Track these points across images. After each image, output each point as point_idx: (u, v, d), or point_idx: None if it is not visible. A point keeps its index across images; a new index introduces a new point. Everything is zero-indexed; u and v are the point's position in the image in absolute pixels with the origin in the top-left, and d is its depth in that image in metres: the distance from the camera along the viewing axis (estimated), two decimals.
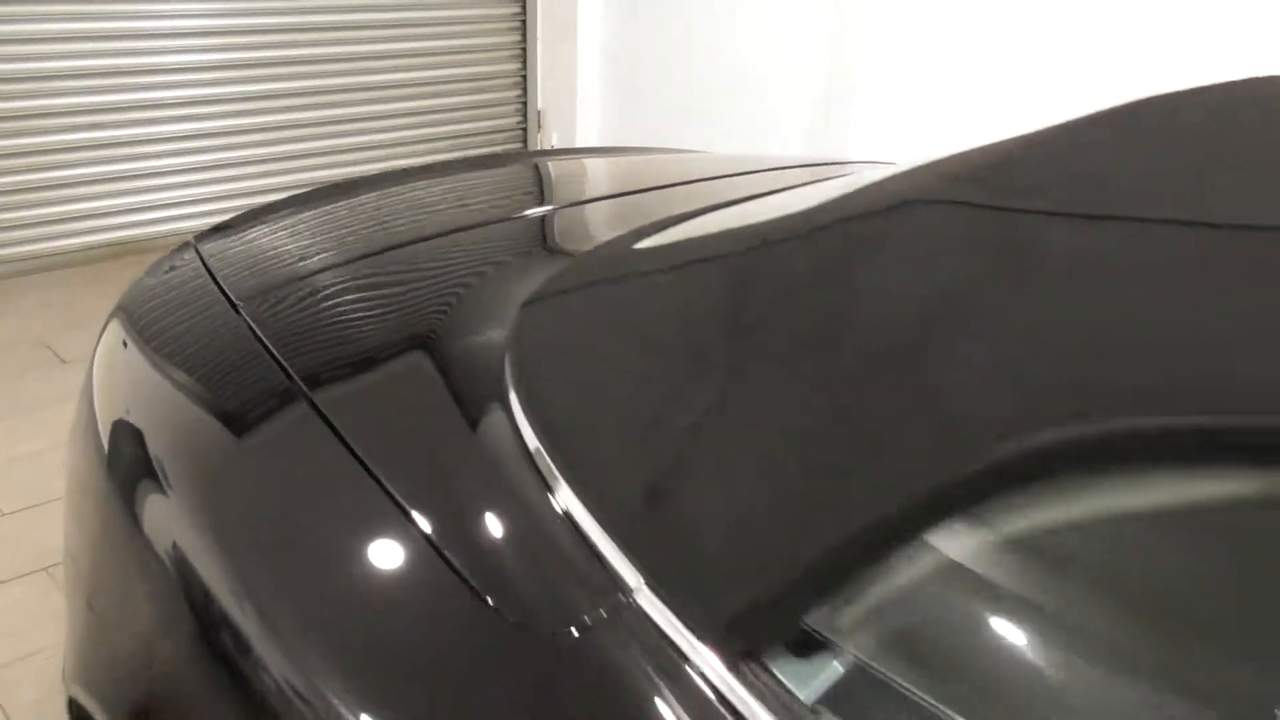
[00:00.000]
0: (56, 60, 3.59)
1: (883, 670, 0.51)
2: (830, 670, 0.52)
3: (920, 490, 0.52)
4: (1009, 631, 0.52)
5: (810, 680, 0.52)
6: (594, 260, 1.00)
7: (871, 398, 0.61)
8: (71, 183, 3.75)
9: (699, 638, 0.56)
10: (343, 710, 0.59)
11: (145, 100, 3.82)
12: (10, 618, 1.96)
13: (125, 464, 0.92)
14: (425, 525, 0.70)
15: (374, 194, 1.38)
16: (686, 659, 0.55)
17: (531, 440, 0.73)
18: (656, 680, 0.55)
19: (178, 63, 3.86)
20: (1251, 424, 0.51)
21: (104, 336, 1.20)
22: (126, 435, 0.97)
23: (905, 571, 0.52)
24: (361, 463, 0.76)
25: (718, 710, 0.52)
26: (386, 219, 1.29)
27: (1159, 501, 0.51)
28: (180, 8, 3.81)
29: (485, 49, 4.87)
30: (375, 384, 0.90)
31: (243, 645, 0.68)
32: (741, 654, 0.54)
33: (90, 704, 0.85)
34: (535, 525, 0.67)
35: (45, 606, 2.01)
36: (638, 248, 1.00)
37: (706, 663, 0.55)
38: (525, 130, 5.15)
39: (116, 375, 1.07)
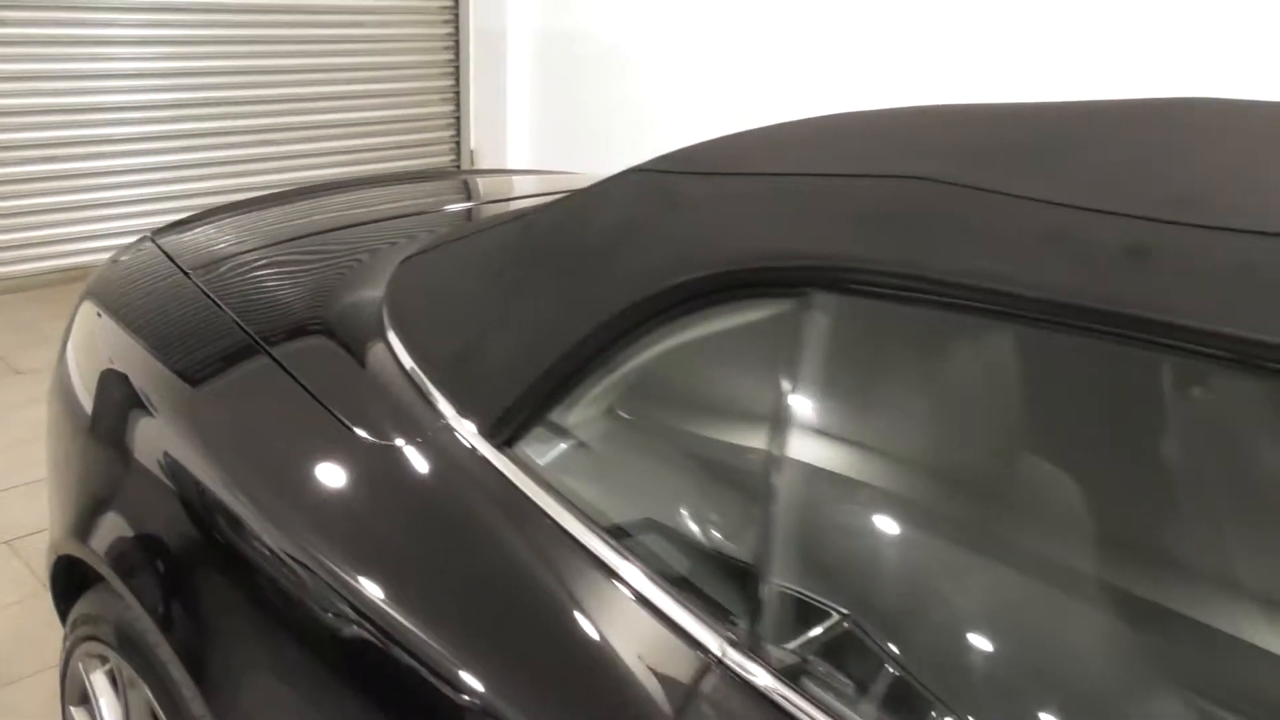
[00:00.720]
0: (14, 98, 3.88)
1: (590, 444, 0.87)
2: (561, 448, 0.88)
3: (616, 315, 0.86)
4: (684, 422, 0.87)
5: (547, 454, 0.88)
6: (441, 239, 1.36)
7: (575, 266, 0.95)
8: (26, 211, 4.02)
9: (481, 435, 0.91)
10: (269, 527, 0.93)
11: (96, 136, 4.11)
12: None
13: (115, 398, 1.25)
14: (317, 390, 1.04)
15: (300, 199, 1.74)
16: (475, 450, 0.91)
17: (389, 332, 1.09)
18: (455, 465, 0.90)
19: (126, 101, 4.16)
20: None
21: (77, 316, 1.51)
22: (113, 378, 1.29)
23: (605, 382, 0.87)
24: (294, 378, 1.09)
25: (485, 474, 0.88)
26: (307, 214, 1.64)
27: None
28: (129, 50, 4.12)
29: (422, 92, 5.27)
30: (297, 323, 1.24)
31: (209, 502, 1.02)
32: (504, 442, 0.89)
33: (82, 551, 1.17)
34: (390, 380, 1.03)
35: (7, 570, 2.28)
36: (464, 234, 1.38)
37: (486, 449, 0.90)
38: (459, 166, 5.52)
39: (95, 339, 1.39)
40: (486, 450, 0.90)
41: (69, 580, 1.30)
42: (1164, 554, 0.63)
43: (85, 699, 1.34)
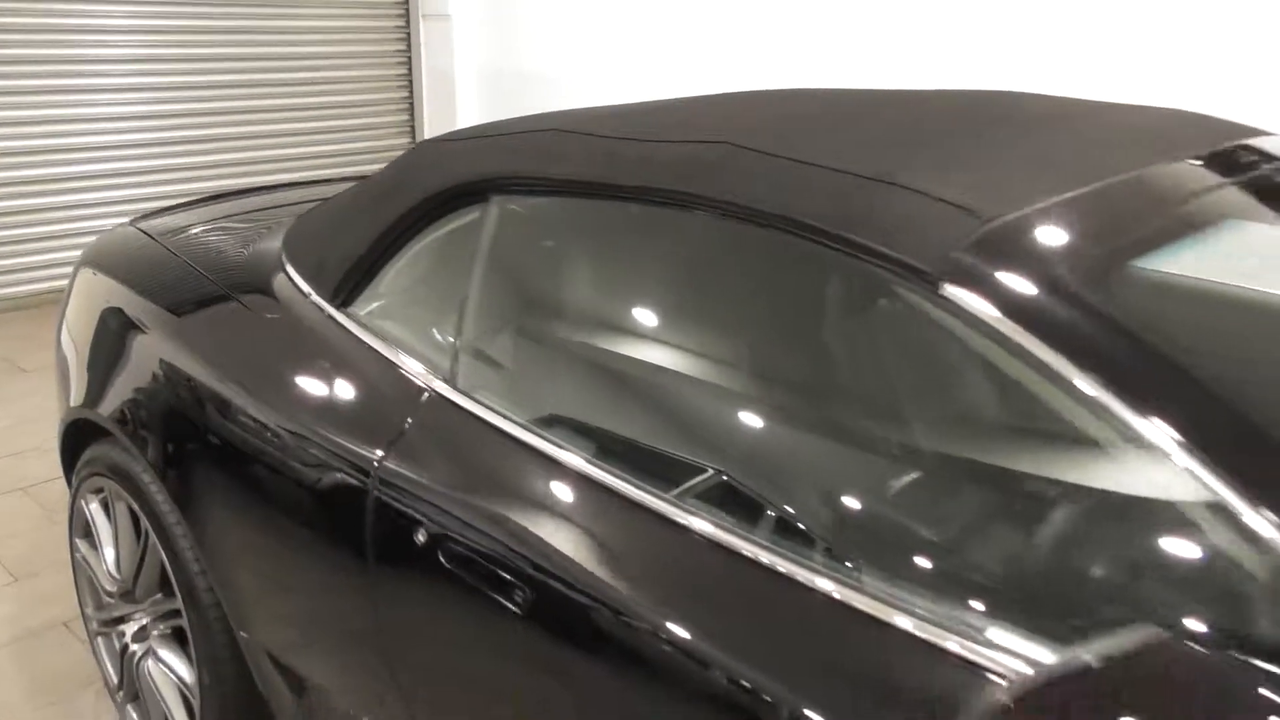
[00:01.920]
0: (16, 140, 4.51)
1: (385, 300, 1.48)
2: (371, 304, 1.49)
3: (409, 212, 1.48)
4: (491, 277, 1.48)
5: (364, 308, 1.49)
6: (318, 206, 1.97)
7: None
8: (25, 239, 4.63)
9: (328, 301, 1.51)
10: (218, 383, 1.54)
11: (79, 173, 4.74)
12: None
13: (113, 324, 1.84)
14: (245, 301, 1.65)
15: (240, 196, 2.36)
16: (324, 310, 1.52)
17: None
18: (315, 319, 1.51)
19: (104, 141, 4.79)
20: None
21: (76, 280, 2.10)
22: (113, 312, 1.87)
23: (394, 263, 1.48)
24: (230, 297, 1.68)
25: (329, 323, 1.48)
26: (247, 203, 2.25)
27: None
28: (112, 97, 4.76)
29: (381, 126, 5.92)
30: (231, 265, 1.84)
31: (180, 378, 1.62)
32: (340, 304, 1.50)
33: (92, 414, 1.76)
34: (283, 287, 1.63)
35: (23, 508, 2.86)
36: (333, 197, 1.99)
37: (331, 310, 1.50)
38: None
39: (94, 289, 1.98)
40: (331, 310, 1.51)
41: (76, 443, 1.89)
42: (759, 366, 1.19)
43: (87, 532, 1.92)
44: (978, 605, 0.86)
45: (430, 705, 1.30)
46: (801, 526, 1.00)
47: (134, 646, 1.85)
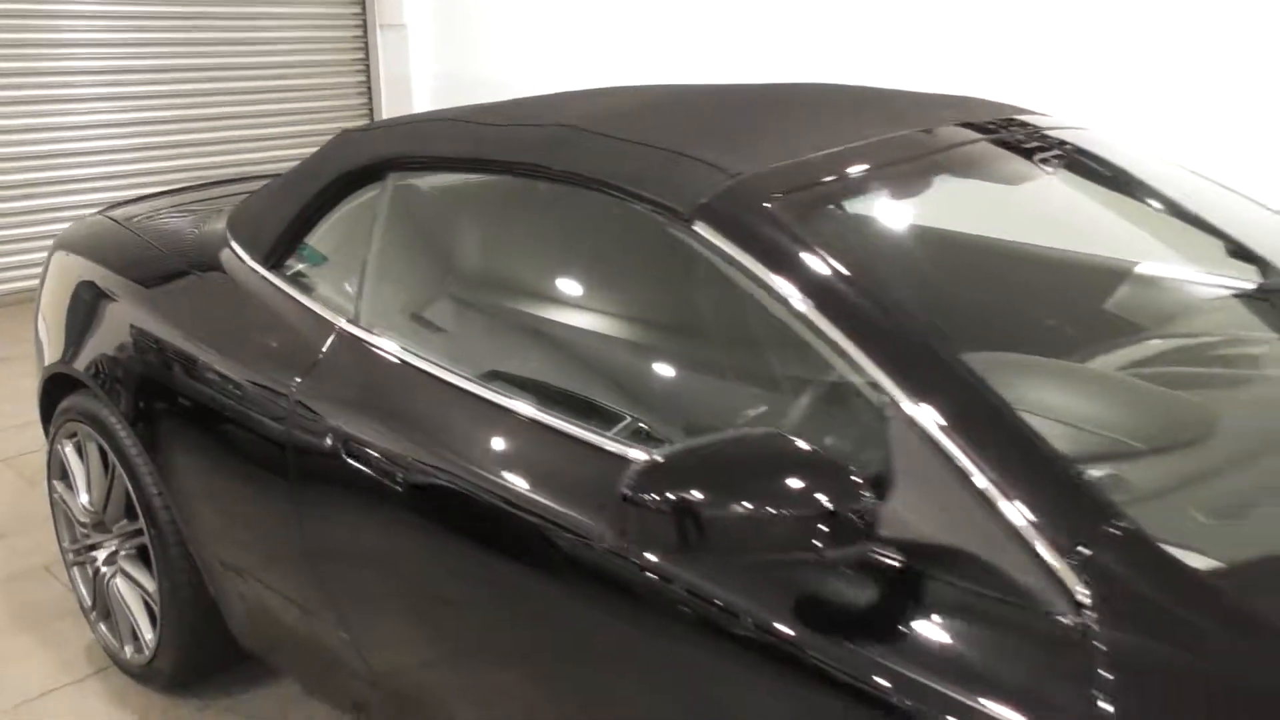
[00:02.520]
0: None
1: (307, 261, 1.81)
2: (294, 266, 1.82)
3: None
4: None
5: (290, 269, 1.81)
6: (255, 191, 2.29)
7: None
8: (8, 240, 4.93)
9: (259, 264, 1.84)
10: (177, 337, 1.87)
11: (62, 177, 5.03)
12: None
13: (86, 296, 2.14)
14: (197, 272, 1.97)
15: (195, 190, 2.68)
16: (257, 271, 1.84)
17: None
18: (251, 280, 1.83)
19: (74, 149, 5.10)
20: None
21: (52, 260, 2.41)
22: (86, 285, 2.18)
23: (312, 232, 1.81)
24: (191, 273, 2.00)
25: (262, 281, 1.81)
26: (197, 195, 2.57)
27: None
28: (82, 106, 5.05)
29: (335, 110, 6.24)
30: (188, 243, 2.15)
31: (147, 338, 1.94)
32: (270, 266, 1.83)
33: (68, 369, 2.08)
34: (229, 259, 1.95)
35: (4, 478, 3.16)
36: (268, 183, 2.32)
37: (263, 271, 1.83)
38: None
39: (69, 268, 2.28)
40: (264, 272, 1.83)
41: (53, 395, 2.20)
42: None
43: (63, 474, 2.23)
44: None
45: (346, 592, 1.62)
46: (597, 400, 1.36)
47: (104, 569, 2.16)
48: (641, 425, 1.29)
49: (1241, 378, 1.40)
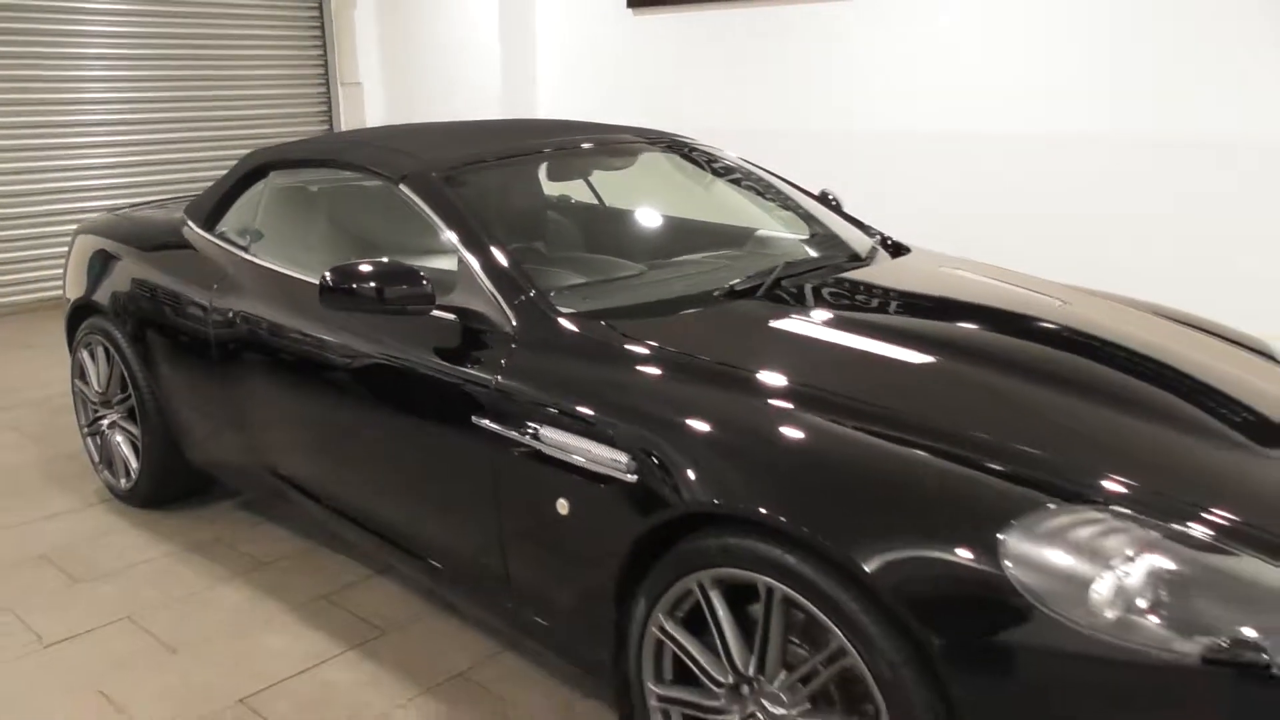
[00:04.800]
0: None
1: (231, 227, 3.10)
2: (223, 228, 3.10)
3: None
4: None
5: (221, 230, 3.10)
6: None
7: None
8: (25, 260, 6.23)
9: (200, 230, 3.11)
10: (162, 279, 3.15)
11: (62, 202, 6.35)
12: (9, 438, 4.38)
13: (101, 258, 3.43)
14: (173, 243, 3.26)
15: (170, 199, 3.98)
16: (202, 235, 3.12)
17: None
18: (197, 241, 3.12)
19: (72, 187, 6.42)
20: None
21: (76, 240, 3.70)
22: (100, 253, 3.47)
23: (233, 207, 3.10)
24: (167, 242, 3.28)
25: (206, 241, 3.10)
26: (170, 203, 3.87)
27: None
28: (98, 135, 6.39)
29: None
30: (165, 224, 3.44)
31: (144, 283, 3.22)
32: (208, 229, 3.11)
33: (89, 300, 3.35)
34: (189, 232, 3.24)
35: (30, 415, 4.42)
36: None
37: (205, 233, 3.11)
38: None
39: (88, 244, 3.57)
40: (206, 232, 3.12)
41: (76, 318, 3.47)
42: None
43: (82, 374, 3.50)
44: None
45: (250, 419, 2.85)
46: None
47: (106, 430, 3.42)
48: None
49: (726, 264, 2.65)
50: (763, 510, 1.65)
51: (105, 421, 3.44)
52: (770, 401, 1.83)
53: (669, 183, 3.12)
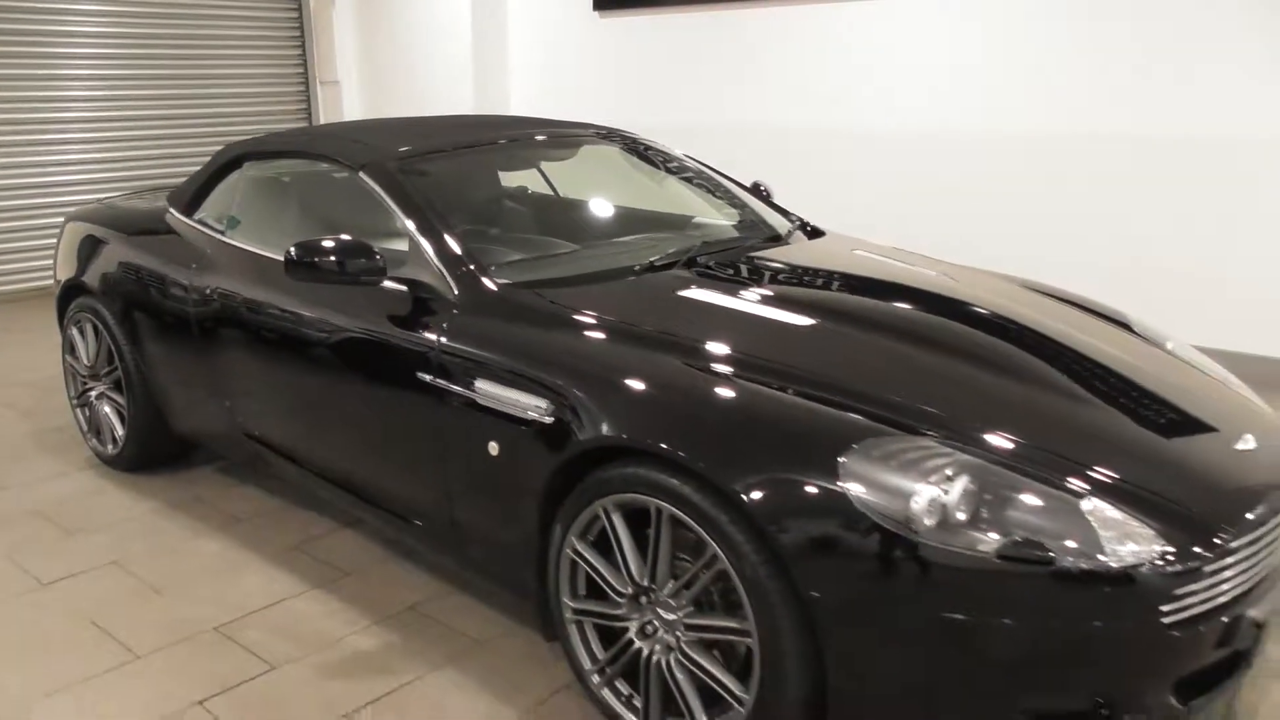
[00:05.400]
0: None
1: (210, 211, 3.40)
2: (202, 214, 3.40)
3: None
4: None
5: (200, 216, 3.39)
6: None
7: None
8: (19, 251, 6.50)
9: (181, 216, 3.41)
10: (148, 260, 3.45)
11: (49, 195, 6.63)
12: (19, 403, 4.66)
13: (89, 243, 3.72)
14: (157, 230, 3.55)
15: (151, 189, 4.28)
16: (184, 220, 3.42)
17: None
18: (180, 227, 3.42)
19: (57, 182, 6.69)
20: None
21: (66, 227, 3.98)
22: (89, 237, 3.76)
23: (213, 192, 3.40)
24: (151, 227, 3.58)
25: (187, 226, 3.40)
26: (152, 193, 4.16)
27: None
28: (82, 132, 6.66)
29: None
30: (148, 211, 3.74)
31: (129, 264, 3.52)
32: (188, 215, 3.41)
33: (78, 280, 3.64)
34: (172, 218, 3.54)
35: (2, 415, 4.70)
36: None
37: (186, 219, 3.41)
38: None
39: (78, 229, 3.85)
40: (186, 218, 3.41)
41: (66, 298, 3.76)
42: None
43: (73, 349, 3.79)
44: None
45: (229, 386, 3.15)
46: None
47: (95, 401, 3.71)
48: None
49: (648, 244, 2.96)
50: (663, 445, 1.97)
51: (93, 393, 3.73)
52: (668, 355, 2.15)
53: (616, 175, 3.44)
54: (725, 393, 2.02)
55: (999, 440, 1.94)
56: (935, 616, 1.76)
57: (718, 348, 2.17)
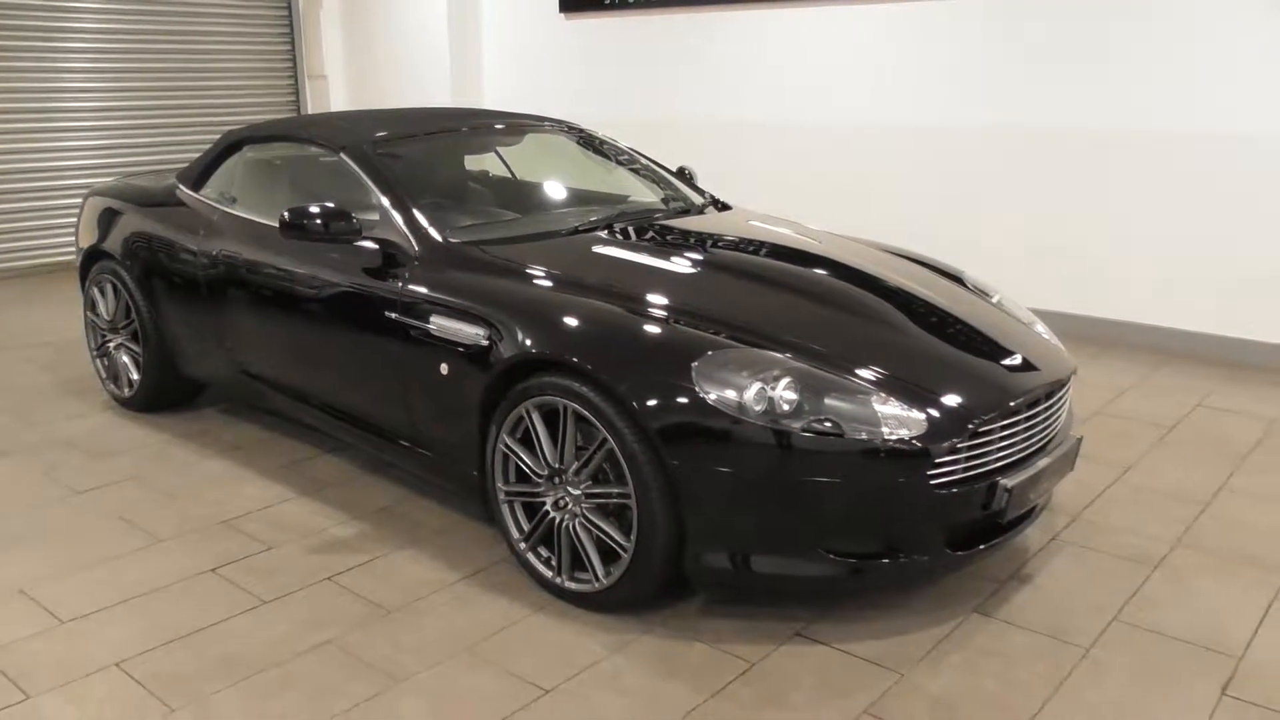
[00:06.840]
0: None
1: (213, 188, 4.01)
2: (206, 189, 4.01)
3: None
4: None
5: (204, 190, 4.01)
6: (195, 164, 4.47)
7: None
8: (22, 230, 7.08)
9: (189, 190, 4.02)
10: (159, 229, 4.06)
11: (55, 187, 7.20)
12: (25, 385, 5.26)
13: (109, 215, 4.32)
14: (169, 201, 4.16)
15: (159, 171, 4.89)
16: (192, 194, 4.03)
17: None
18: (186, 200, 4.03)
19: (63, 166, 7.27)
20: None
21: (87, 202, 4.58)
22: (108, 209, 4.36)
23: (216, 172, 4.00)
24: (162, 200, 4.18)
25: (195, 200, 4.02)
26: (160, 172, 4.76)
27: None
28: (84, 122, 7.24)
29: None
30: (160, 187, 4.34)
31: (144, 232, 4.13)
32: (195, 190, 4.02)
33: (99, 247, 4.24)
34: (182, 192, 4.14)
35: (27, 369, 5.30)
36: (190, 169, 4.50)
37: (194, 192, 4.02)
38: None
39: (98, 203, 4.45)
40: (194, 192, 4.02)
41: (88, 262, 4.36)
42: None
43: (94, 306, 4.39)
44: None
45: (231, 334, 3.76)
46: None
47: (113, 351, 4.32)
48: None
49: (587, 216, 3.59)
50: (574, 359, 2.59)
51: (112, 344, 4.34)
52: (579, 294, 2.79)
53: (567, 160, 4.07)
54: (618, 319, 2.66)
55: (821, 352, 2.59)
56: (762, 478, 2.40)
57: (616, 287, 2.81)
